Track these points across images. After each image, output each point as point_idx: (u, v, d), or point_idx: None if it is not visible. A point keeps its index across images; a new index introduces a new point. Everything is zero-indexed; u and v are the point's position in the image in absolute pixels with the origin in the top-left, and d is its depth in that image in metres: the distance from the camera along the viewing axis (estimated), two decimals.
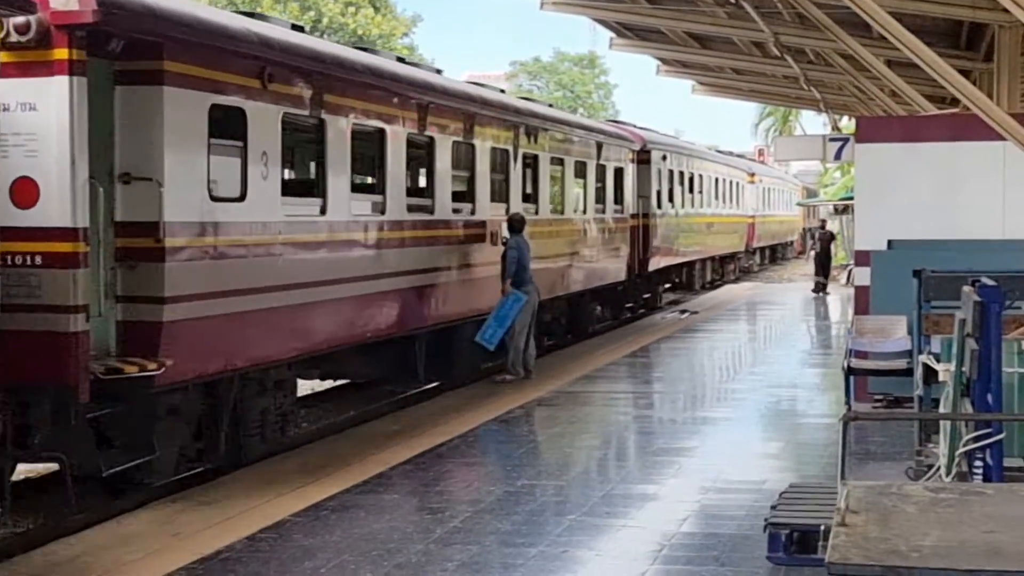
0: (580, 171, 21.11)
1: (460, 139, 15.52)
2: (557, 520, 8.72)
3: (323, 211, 12.13)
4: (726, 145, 48.26)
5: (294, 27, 12.53)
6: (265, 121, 11.05)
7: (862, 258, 13.41)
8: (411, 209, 14.17)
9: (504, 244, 16.03)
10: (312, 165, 13.32)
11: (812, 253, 33.26)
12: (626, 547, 8.12)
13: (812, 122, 65.21)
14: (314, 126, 12.21)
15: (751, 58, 23.91)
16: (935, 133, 13.67)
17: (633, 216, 25.10)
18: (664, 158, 27.70)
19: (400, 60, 15.35)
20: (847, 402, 12.16)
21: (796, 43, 19.64)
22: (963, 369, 6.38)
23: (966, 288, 6.55)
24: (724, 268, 38.50)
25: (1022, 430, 7.64)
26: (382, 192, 13.46)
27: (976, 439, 6.02)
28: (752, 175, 44.02)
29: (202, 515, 8.90)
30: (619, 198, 23.85)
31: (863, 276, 13.28)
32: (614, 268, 23.32)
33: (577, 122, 22.44)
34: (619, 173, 23.80)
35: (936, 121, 14.69)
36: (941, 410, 7.15)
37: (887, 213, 13.36)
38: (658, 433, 12.50)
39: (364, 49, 14.68)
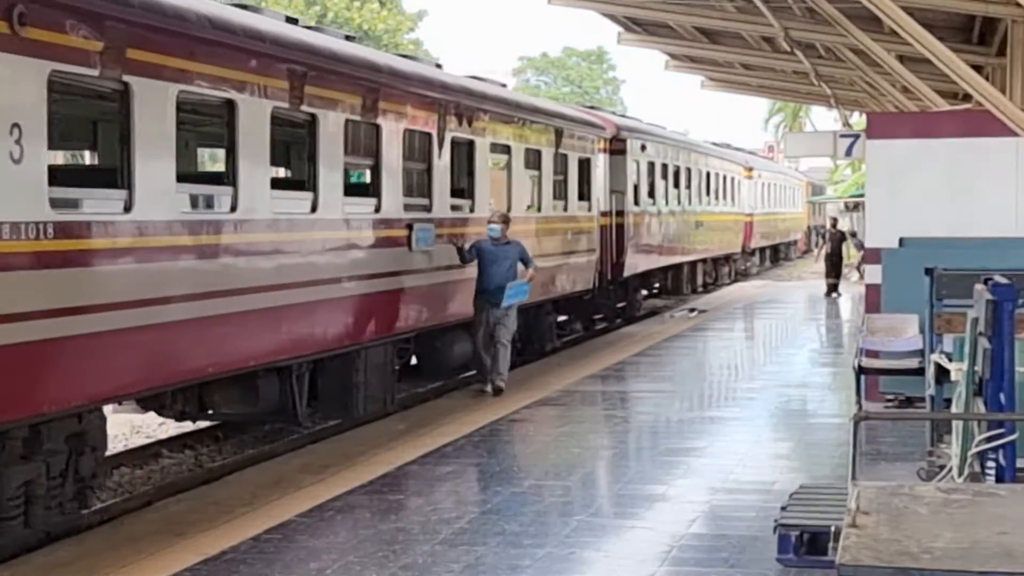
0: (532, 161, 17.86)
1: (358, 118, 12.54)
2: (564, 521, 8.65)
3: (128, 208, 9.18)
4: (736, 142, 47.07)
5: None
6: (16, 81, 8.08)
7: (873, 256, 13.32)
8: (279, 205, 11.32)
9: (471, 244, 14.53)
10: (112, 146, 10.05)
11: (823, 252, 32.37)
12: (634, 548, 8.05)
13: (823, 118, 65.25)
14: (113, 92, 9.28)
15: (761, 53, 23.80)
16: (947, 129, 13.57)
17: (604, 214, 22.09)
18: (643, 148, 24.76)
19: (290, 21, 12.45)
20: (858, 402, 12.08)
21: (806, 38, 19.54)
22: (976, 368, 6.30)
23: (979, 286, 6.47)
24: (718, 271, 35.47)
25: None
26: (231, 183, 10.52)
27: (989, 439, 5.94)
28: (749, 169, 40.82)
29: (207, 515, 8.84)
30: (585, 193, 20.57)
31: (874, 274, 13.19)
32: (579, 274, 20.06)
33: (528, 104, 18.68)
34: (585, 164, 20.58)
35: (948, 117, 14.60)
36: (953, 410, 7.07)
37: (899, 210, 13.28)
38: (667, 433, 12.43)
39: (241, 7, 11.61)
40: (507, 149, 16.90)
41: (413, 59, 15.51)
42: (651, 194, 25.58)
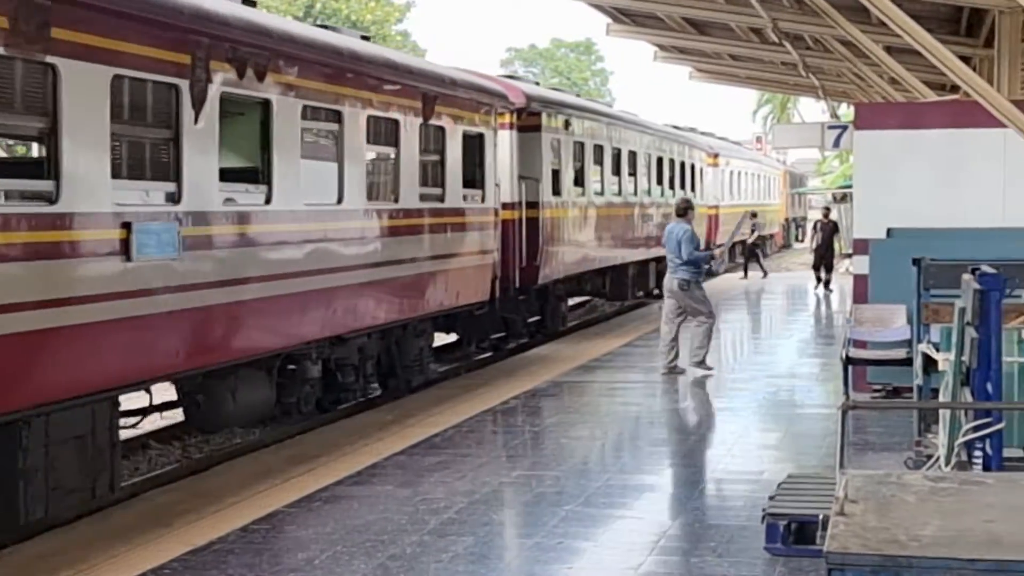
0: (383, 135, 13.38)
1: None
2: (553, 511, 8.65)
3: None
4: (724, 133, 46.32)
5: None
6: None
7: (861, 246, 13.35)
8: None
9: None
10: None
11: (812, 245, 32.00)
12: (623, 538, 8.06)
13: (810, 109, 65.48)
14: None
15: (749, 44, 23.80)
16: (935, 120, 13.59)
17: (508, 206, 17.67)
18: (567, 125, 20.21)
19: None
20: (846, 392, 12.12)
21: (794, 29, 19.55)
22: (963, 358, 6.32)
23: (966, 276, 6.48)
24: None
25: (1022, 420, 7.57)
26: None
27: (976, 428, 5.96)
28: (715, 156, 36.47)
29: (194, 506, 8.83)
30: (476, 179, 16.11)
31: (862, 265, 13.22)
32: (466, 283, 15.61)
33: (371, 55, 13.36)
34: (475, 142, 16.03)
35: (936, 108, 14.61)
36: (940, 399, 7.09)
37: (886, 201, 13.29)
38: (655, 423, 12.44)
39: None
40: (336, 116, 12.35)
41: None
42: (579, 182, 21.16)
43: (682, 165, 30.62)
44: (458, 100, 15.38)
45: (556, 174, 19.60)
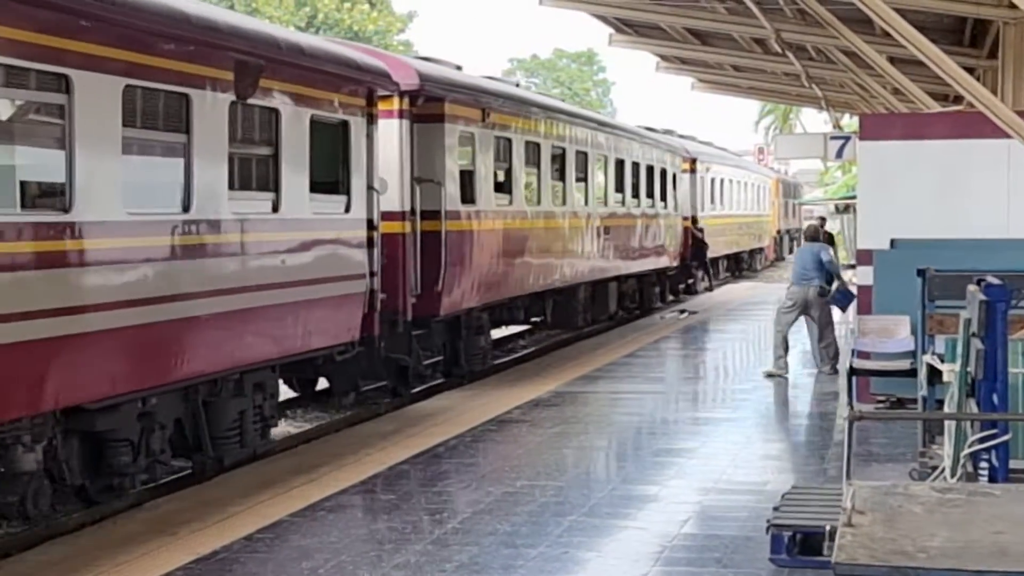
0: (158, 116, 9.73)
1: None
2: (557, 521, 8.64)
3: None
4: (726, 144, 45.81)
5: None
6: None
7: (865, 257, 13.34)
8: None
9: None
10: None
11: None
12: (627, 548, 8.05)
13: (813, 120, 65.34)
14: None
15: (751, 55, 23.86)
16: (939, 131, 13.58)
17: (395, 216, 13.88)
18: (485, 116, 16.06)
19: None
20: (850, 403, 12.11)
21: (797, 39, 19.60)
22: (968, 369, 6.32)
23: (971, 287, 6.49)
24: (645, 292, 27.18)
25: None
26: None
27: (982, 440, 5.96)
28: (691, 161, 32.03)
29: (199, 515, 8.83)
30: (340, 182, 12.46)
31: (866, 275, 13.22)
32: (320, 319, 11.82)
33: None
34: (334, 133, 12.32)
35: (940, 119, 14.61)
36: (946, 410, 7.09)
37: (890, 212, 13.29)
38: (658, 433, 12.44)
39: None
40: (60, 83, 8.40)
41: None
42: (504, 187, 17.29)
43: (649, 170, 26.43)
44: (303, 74, 11.46)
45: (468, 176, 15.70)
